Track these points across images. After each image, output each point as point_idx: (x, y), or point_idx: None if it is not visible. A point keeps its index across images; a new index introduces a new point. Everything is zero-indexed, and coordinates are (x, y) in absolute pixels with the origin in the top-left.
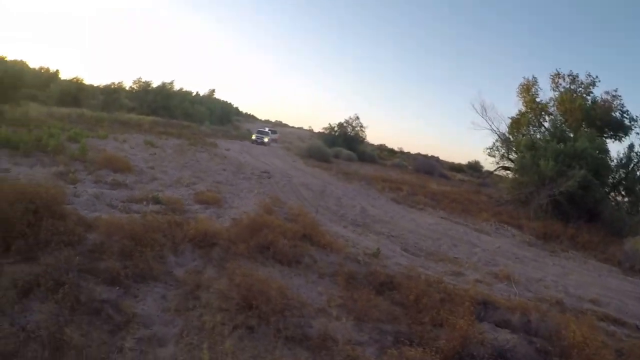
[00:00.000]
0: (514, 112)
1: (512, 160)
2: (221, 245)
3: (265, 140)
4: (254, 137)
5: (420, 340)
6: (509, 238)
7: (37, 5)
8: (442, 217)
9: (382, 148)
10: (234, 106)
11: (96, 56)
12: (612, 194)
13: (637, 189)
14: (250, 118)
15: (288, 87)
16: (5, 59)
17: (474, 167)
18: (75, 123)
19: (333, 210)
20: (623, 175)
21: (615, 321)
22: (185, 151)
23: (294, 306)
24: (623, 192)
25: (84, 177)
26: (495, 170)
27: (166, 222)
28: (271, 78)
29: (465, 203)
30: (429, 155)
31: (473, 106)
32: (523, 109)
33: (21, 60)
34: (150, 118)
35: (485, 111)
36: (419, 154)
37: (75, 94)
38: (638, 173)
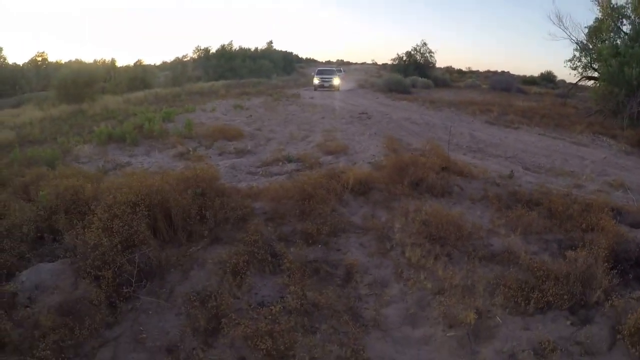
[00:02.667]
0: (590, 19)
1: (595, 70)
2: (377, 189)
3: (335, 83)
4: (316, 80)
5: (580, 244)
6: (606, 148)
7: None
8: (539, 134)
9: (450, 70)
10: (294, 54)
11: (143, 35)
12: None
13: None
14: (312, 62)
15: (342, 24)
16: (61, 62)
17: (548, 78)
18: (156, 103)
19: (445, 139)
20: None
21: None
22: (274, 107)
23: (471, 231)
24: None
25: (206, 152)
26: (579, 81)
27: (321, 177)
28: (324, 18)
29: (556, 117)
30: (499, 71)
31: (549, 16)
32: (599, 15)
33: (77, 59)
34: (221, 82)
35: (561, 21)
36: (488, 71)
37: (143, 76)
38: None
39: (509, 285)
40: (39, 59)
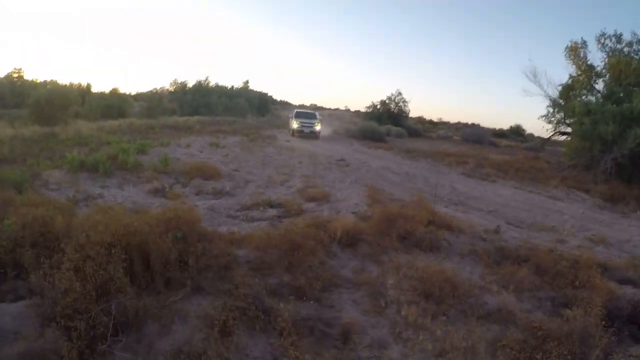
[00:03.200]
0: (564, 77)
1: (569, 125)
2: (365, 241)
3: (317, 128)
4: (295, 125)
5: (574, 301)
6: (581, 202)
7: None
8: (515, 187)
9: (422, 121)
10: (269, 95)
11: (119, 63)
12: None
13: None
14: (286, 105)
15: (318, 69)
16: (37, 81)
17: (517, 132)
18: (130, 134)
19: (426, 191)
20: None
21: None
22: (250, 148)
23: (464, 288)
24: None
25: (183, 190)
26: (552, 135)
27: (307, 226)
28: (300, 62)
29: (530, 171)
30: (469, 123)
31: (525, 74)
32: (573, 72)
33: (52, 80)
34: (196, 118)
35: (537, 77)
36: (459, 123)
37: (119, 105)
38: None
39: (510, 346)
40: (15, 75)
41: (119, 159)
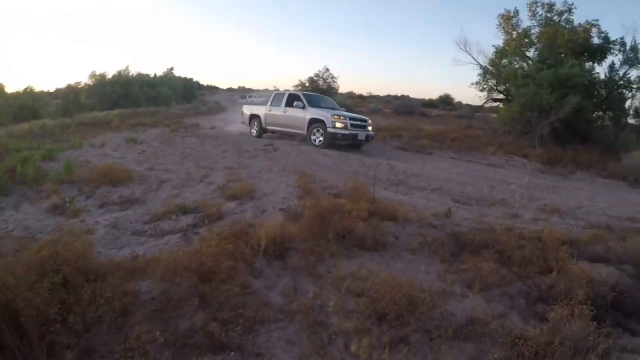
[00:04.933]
0: (496, 44)
1: (501, 92)
2: (297, 248)
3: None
4: (247, 111)
5: (550, 295)
6: (520, 168)
7: None
8: (453, 158)
9: (352, 96)
10: (195, 81)
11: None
12: (597, 112)
13: (619, 106)
14: (213, 90)
15: (243, 50)
16: None
17: (446, 101)
18: (41, 137)
19: (362, 172)
20: (605, 95)
21: None
22: (171, 140)
23: (420, 298)
24: (607, 110)
25: (85, 203)
26: (485, 102)
27: (224, 239)
28: (225, 44)
29: (466, 140)
30: (399, 95)
31: (457, 43)
32: (505, 40)
33: None
34: (116, 112)
35: (468, 46)
36: (388, 96)
37: (32, 105)
38: (620, 91)
39: None
40: None
41: (17, 171)
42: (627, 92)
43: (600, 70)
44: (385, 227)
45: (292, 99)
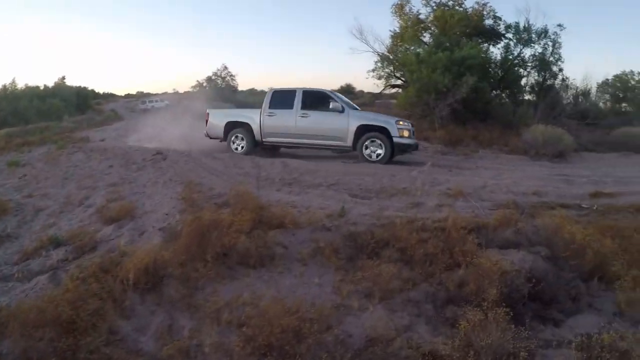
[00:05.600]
0: (390, 33)
1: (399, 78)
2: (172, 275)
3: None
4: (219, 119)
5: (458, 294)
6: (422, 151)
7: None
8: None
9: (253, 92)
10: (90, 89)
11: None
12: (495, 91)
13: (515, 84)
14: (111, 97)
15: (138, 55)
16: None
17: (348, 90)
18: None
19: (253, 174)
20: (501, 74)
21: (562, 206)
22: (56, 158)
23: (313, 319)
24: (504, 89)
25: None
26: (384, 89)
27: (91, 275)
28: (118, 49)
29: None
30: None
31: (352, 32)
32: (400, 26)
33: None
34: (4, 131)
35: (363, 35)
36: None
37: None
38: (515, 69)
39: None
40: None
41: None
42: (522, 70)
43: (496, 51)
44: (273, 237)
45: (314, 100)
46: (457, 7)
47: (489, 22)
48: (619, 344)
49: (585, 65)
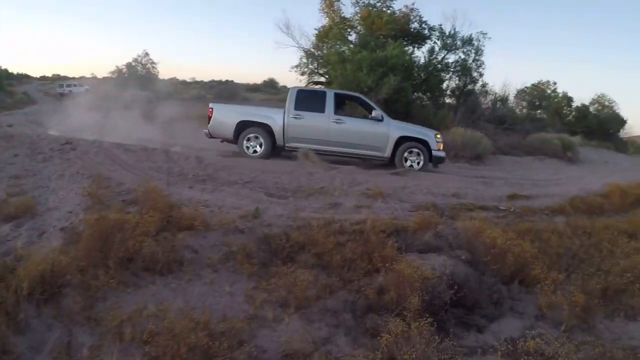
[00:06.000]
0: (318, 28)
1: (322, 75)
2: (71, 284)
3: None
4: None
5: (378, 302)
6: None
7: None
8: None
9: (174, 82)
10: (3, 69)
11: None
12: (417, 93)
13: (437, 87)
14: (25, 79)
15: (55, 36)
16: None
17: (271, 85)
18: None
19: (166, 169)
20: (424, 77)
21: (481, 208)
22: None
23: (224, 332)
24: (426, 91)
25: None
26: (306, 85)
27: None
28: (34, 27)
29: None
30: (223, 80)
31: (278, 26)
32: (327, 24)
33: None
34: None
35: (290, 29)
36: (213, 81)
37: None
38: (438, 73)
39: None
40: None
41: None
42: (444, 74)
43: (421, 55)
44: (182, 240)
45: (347, 104)
46: (384, 9)
47: (415, 25)
48: (544, 349)
49: (505, 73)
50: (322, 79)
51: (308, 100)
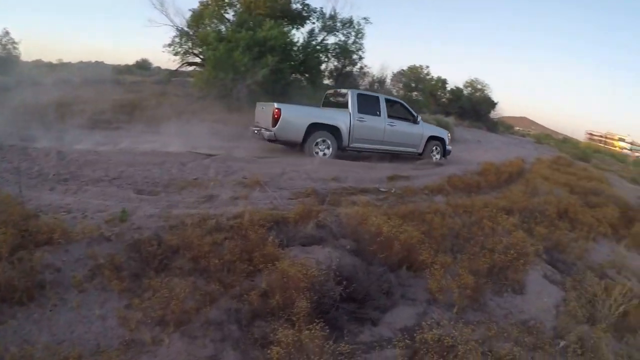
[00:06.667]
0: (193, 4)
1: (197, 55)
2: None
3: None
4: (300, 119)
5: (265, 308)
6: (216, 135)
7: None
8: (144, 132)
9: (39, 64)
10: None
11: None
12: (295, 74)
13: (316, 68)
14: None
15: None
16: None
17: (144, 66)
18: None
19: (22, 169)
20: (303, 58)
21: (362, 191)
22: None
23: None
24: (304, 72)
25: None
26: (180, 67)
27: None
28: None
29: (159, 109)
30: (93, 61)
31: (152, 1)
32: (204, 1)
33: None
34: None
35: (163, 6)
36: (81, 63)
37: None
38: (317, 55)
39: None
40: None
41: None
42: (323, 56)
43: (300, 36)
44: (41, 259)
45: (394, 108)
46: None
47: (296, 6)
48: (442, 336)
49: (383, 56)
50: (197, 59)
51: (366, 104)
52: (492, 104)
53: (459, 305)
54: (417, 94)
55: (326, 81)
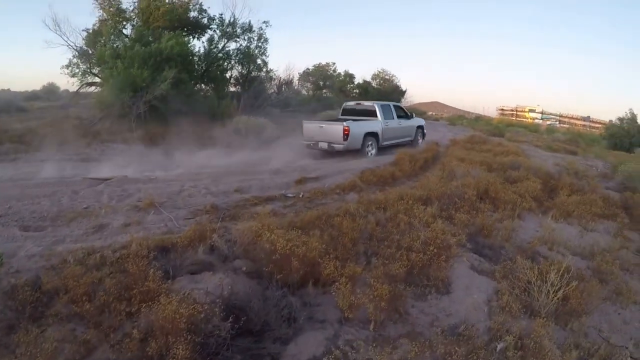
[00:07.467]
0: (90, 23)
1: (96, 75)
2: None
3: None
4: (361, 129)
5: (143, 358)
6: (120, 156)
7: None
8: (43, 161)
9: None
10: None
11: None
12: (199, 85)
13: (219, 77)
14: None
15: None
16: None
17: (52, 91)
18: None
19: None
20: (205, 68)
21: (268, 200)
22: None
23: None
24: (208, 82)
25: None
26: (80, 88)
27: None
28: None
29: (57, 134)
30: (1, 89)
31: (44, 21)
32: (101, 18)
33: None
34: None
35: (59, 26)
36: None
37: None
38: (219, 63)
39: None
40: None
41: None
42: (226, 63)
43: (200, 45)
44: None
45: (399, 110)
46: None
47: (194, 14)
48: None
49: (289, 57)
50: (97, 79)
51: (385, 111)
52: (401, 92)
53: (375, 321)
54: (326, 91)
55: (233, 88)
